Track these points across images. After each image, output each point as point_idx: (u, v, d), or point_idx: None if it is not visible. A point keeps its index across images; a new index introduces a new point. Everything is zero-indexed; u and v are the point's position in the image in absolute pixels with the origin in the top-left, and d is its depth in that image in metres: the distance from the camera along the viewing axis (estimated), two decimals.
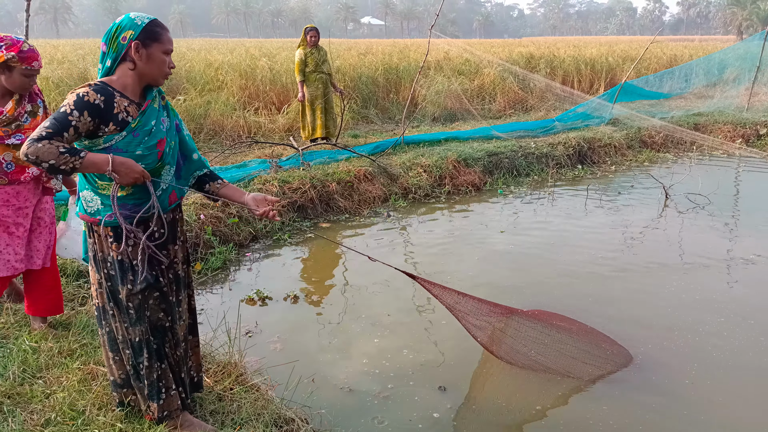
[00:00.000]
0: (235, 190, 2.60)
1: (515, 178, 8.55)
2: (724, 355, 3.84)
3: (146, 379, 2.46)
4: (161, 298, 2.46)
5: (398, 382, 3.54)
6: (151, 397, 2.49)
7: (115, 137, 2.22)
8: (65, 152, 2.08)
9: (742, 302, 4.60)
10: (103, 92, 2.19)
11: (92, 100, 2.15)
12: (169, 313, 2.50)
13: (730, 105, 12.94)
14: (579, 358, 3.66)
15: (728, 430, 3.14)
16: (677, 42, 33.61)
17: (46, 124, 2.10)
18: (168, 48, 2.31)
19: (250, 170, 6.98)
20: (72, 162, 2.10)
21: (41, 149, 2.06)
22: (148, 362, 2.44)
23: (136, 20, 2.24)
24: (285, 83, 11.54)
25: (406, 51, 16.23)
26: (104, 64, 2.28)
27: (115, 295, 2.37)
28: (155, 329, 2.45)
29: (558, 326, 3.81)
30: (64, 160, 2.08)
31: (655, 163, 9.77)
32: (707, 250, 5.72)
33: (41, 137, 2.07)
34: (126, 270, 2.34)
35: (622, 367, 3.67)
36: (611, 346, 3.81)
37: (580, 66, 15.77)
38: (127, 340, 2.42)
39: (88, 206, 2.32)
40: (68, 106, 2.12)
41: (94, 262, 2.37)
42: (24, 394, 2.83)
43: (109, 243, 2.33)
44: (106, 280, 2.36)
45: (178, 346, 2.58)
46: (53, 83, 8.59)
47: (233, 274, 5.27)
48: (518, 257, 5.63)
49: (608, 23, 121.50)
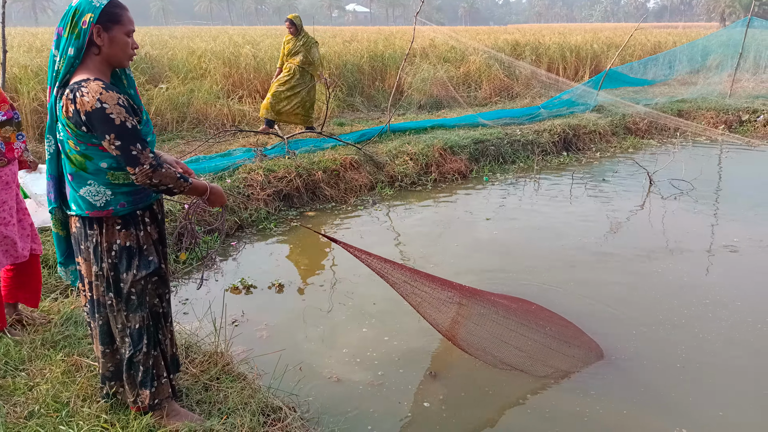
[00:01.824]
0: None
1: (501, 165, 8.57)
2: (709, 343, 3.90)
3: (142, 366, 2.44)
4: (159, 282, 2.46)
5: (387, 369, 3.55)
6: (143, 384, 2.47)
7: None
8: (180, 177, 2.26)
9: (724, 288, 4.67)
10: (117, 90, 2.16)
11: (125, 101, 2.15)
12: (163, 299, 2.51)
13: (713, 91, 13.05)
14: (538, 357, 3.55)
15: (713, 422, 3.19)
16: (661, 29, 33.77)
17: (139, 146, 2.13)
18: (130, 29, 2.24)
19: (234, 159, 6.91)
20: (183, 186, 2.29)
21: (165, 174, 2.19)
22: (146, 348, 2.43)
23: (94, 2, 2.14)
24: (269, 71, 11.41)
25: (392, 38, 16.13)
26: (65, 52, 2.16)
27: (117, 284, 2.35)
28: (152, 315, 2.45)
29: (525, 317, 3.73)
30: (179, 184, 2.26)
31: (640, 150, 9.83)
32: (691, 235, 5.79)
33: (158, 161, 2.17)
34: (133, 255, 2.34)
35: (592, 362, 3.59)
36: (581, 340, 3.72)
37: (565, 53, 15.78)
38: (126, 329, 2.40)
39: (95, 201, 2.25)
40: (129, 119, 2.12)
41: (94, 255, 2.32)
42: (6, 386, 2.80)
43: (116, 230, 2.30)
44: (109, 270, 2.33)
45: (169, 331, 2.59)
46: (32, 71, 8.40)
47: (219, 263, 5.23)
48: (503, 244, 5.65)
49: (593, 10, 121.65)
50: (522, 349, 3.54)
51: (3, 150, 3.08)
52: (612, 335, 3.90)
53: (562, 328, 3.80)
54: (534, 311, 3.87)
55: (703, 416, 3.16)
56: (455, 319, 3.52)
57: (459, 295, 3.52)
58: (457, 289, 3.49)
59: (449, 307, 3.47)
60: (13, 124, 3.12)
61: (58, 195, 2.39)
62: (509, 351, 3.52)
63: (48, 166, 2.35)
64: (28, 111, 8.00)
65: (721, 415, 3.17)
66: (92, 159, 2.20)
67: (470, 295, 3.57)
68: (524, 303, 3.92)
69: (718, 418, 3.14)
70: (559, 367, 3.51)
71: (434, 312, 3.41)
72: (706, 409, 3.21)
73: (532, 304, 3.92)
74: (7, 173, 3.14)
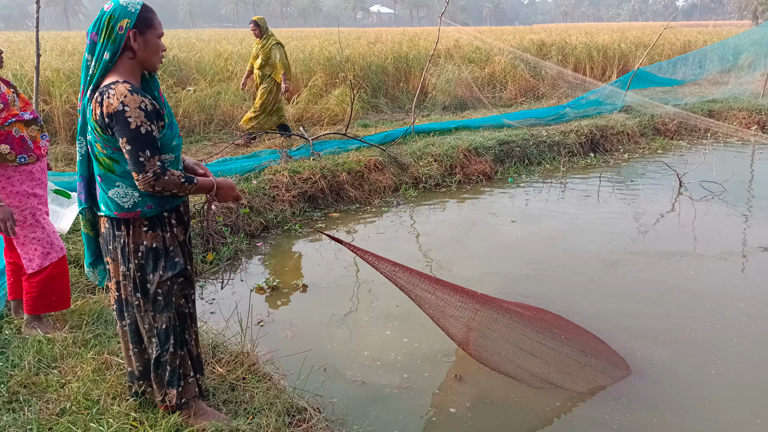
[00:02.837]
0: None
1: (527, 166, 8.49)
2: (744, 348, 3.80)
3: (169, 365, 2.47)
4: (184, 283, 2.49)
5: (411, 372, 3.54)
6: (171, 383, 2.50)
7: (161, 134, 2.25)
8: (185, 181, 2.26)
9: (759, 291, 4.55)
10: (142, 93, 2.19)
11: (149, 106, 2.17)
12: (189, 300, 2.54)
13: (745, 91, 12.74)
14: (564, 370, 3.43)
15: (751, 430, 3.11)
16: (691, 27, 33.16)
17: (147, 153, 2.14)
18: (161, 32, 2.30)
19: (260, 160, 6.98)
20: (189, 189, 2.29)
21: (168, 181, 2.20)
22: (173, 348, 2.46)
23: (129, 7, 2.19)
24: (294, 73, 11.50)
25: (416, 39, 16.11)
26: (100, 56, 2.20)
27: (144, 284, 2.38)
28: (178, 315, 2.48)
29: (541, 326, 3.61)
30: (184, 188, 2.26)
31: (669, 151, 9.65)
32: (723, 238, 5.66)
33: (163, 169, 2.18)
34: (159, 256, 2.37)
35: (619, 373, 3.46)
36: (603, 352, 3.58)
37: (592, 53, 15.58)
38: (154, 329, 2.44)
39: (123, 202, 2.29)
40: (146, 124, 2.14)
41: (122, 255, 2.36)
42: (39, 383, 2.86)
43: (143, 231, 2.34)
44: (136, 271, 2.36)
45: (194, 332, 2.62)
46: (64, 75, 8.60)
47: (244, 264, 5.28)
48: (528, 247, 5.59)
49: (620, 9, 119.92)
50: (540, 358, 3.45)
51: (32, 147, 3.18)
52: (642, 339, 3.83)
53: (582, 338, 3.69)
54: (550, 320, 3.75)
55: (739, 423, 3.09)
56: (469, 325, 3.46)
57: (473, 302, 3.44)
58: (471, 296, 3.41)
59: (463, 314, 3.41)
60: (38, 124, 3.23)
61: (89, 196, 2.45)
62: (527, 360, 3.43)
63: (79, 167, 2.41)
64: (60, 113, 8.18)
65: (759, 422, 3.09)
66: (119, 162, 2.24)
67: (484, 303, 3.49)
68: (540, 312, 3.82)
69: (756, 426, 3.07)
70: (582, 378, 3.42)
71: (448, 319, 3.36)
72: (742, 416, 3.14)
73: (548, 313, 3.82)
74: (38, 169, 3.26)
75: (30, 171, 3.22)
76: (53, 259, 3.30)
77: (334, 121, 10.07)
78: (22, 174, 3.18)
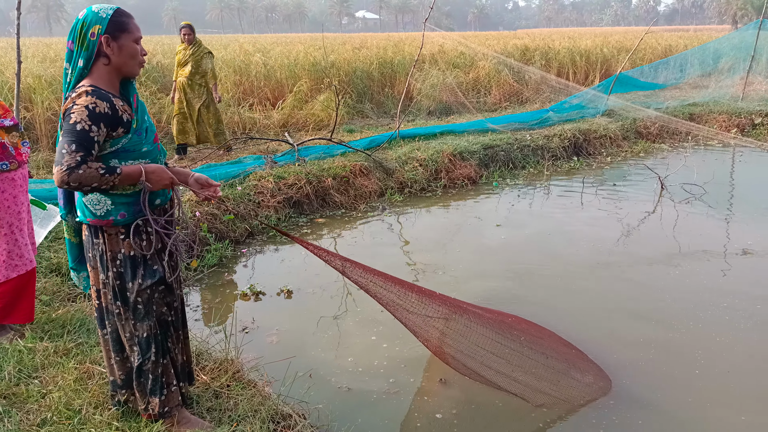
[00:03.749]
0: (180, 172, 2.50)
1: (511, 170, 8.55)
2: (728, 347, 3.84)
3: (151, 374, 2.45)
4: (166, 291, 2.47)
5: (397, 377, 3.54)
6: (153, 392, 2.48)
7: (122, 140, 2.22)
8: (105, 173, 2.12)
9: (741, 291, 4.61)
10: (104, 98, 2.16)
11: (102, 109, 2.13)
12: (171, 308, 2.52)
13: (725, 95, 12.94)
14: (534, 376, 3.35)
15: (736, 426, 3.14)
16: (672, 32, 33.60)
17: (72, 147, 2.05)
18: (137, 36, 2.28)
19: (245, 166, 6.96)
20: (111, 180, 2.14)
21: (83, 176, 2.07)
22: (154, 357, 2.44)
23: (100, 13, 2.19)
24: (279, 79, 11.51)
25: (401, 45, 16.18)
26: (75, 63, 2.22)
27: (123, 293, 2.36)
28: (160, 324, 2.46)
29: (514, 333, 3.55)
30: (105, 180, 2.12)
31: (651, 154, 9.77)
32: (704, 240, 5.74)
33: (78, 163, 2.05)
34: (137, 265, 2.35)
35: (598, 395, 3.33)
36: (585, 369, 3.48)
37: (575, 57, 15.75)
38: (135, 337, 2.42)
39: (96, 209, 2.27)
40: (83, 122, 2.09)
41: (100, 263, 2.34)
42: (20, 394, 2.82)
43: (120, 240, 2.32)
44: (115, 279, 2.35)
45: (179, 340, 2.61)
46: (46, 81, 8.52)
47: (229, 270, 5.26)
48: (514, 251, 5.63)
49: (603, 14, 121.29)
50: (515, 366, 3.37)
51: (14, 153, 3.15)
52: (626, 340, 3.87)
53: (559, 348, 3.64)
54: (526, 329, 3.69)
55: (724, 422, 3.13)
56: (442, 331, 3.40)
57: (445, 308, 3.36)
58: (441, 301, 3.32)
59: (436, 321, 3.35)
60: (19, 131, 3.20)
61: (68, 202, 2.43)
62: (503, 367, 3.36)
63: None
64: (42, 120, 8.11)
65: (744, 419, 3.13)
66: None
67: (457, 309, 3.41)
68: (518, 320, 3.78)
69: (742, 423, 3.11)
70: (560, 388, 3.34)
71: (419, 321, 3.27)
72: (727, 415, 3.18)
73: (526, 322, 3.79)
74: (19, 176, 3.24)
75: (12, 178, 3.19)
76: (20, 271, 3.26)
77: (319, 126, 10.08)
78: (4, 181, 3.15)
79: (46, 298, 3.86)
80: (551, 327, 3.94)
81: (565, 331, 3.91)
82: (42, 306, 3.75)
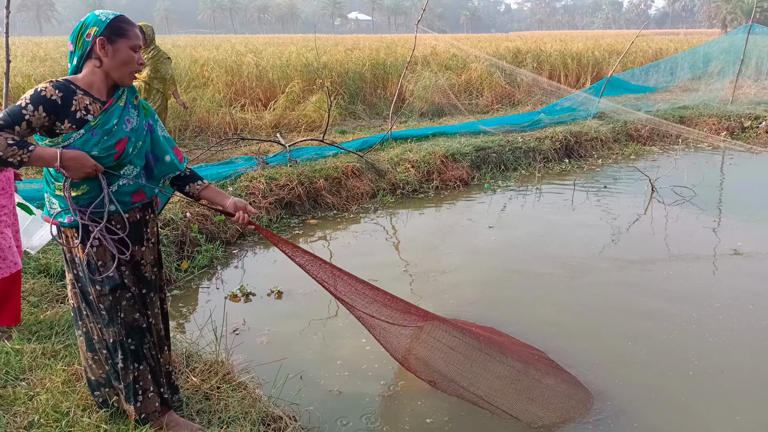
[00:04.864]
0: (218, 193, 2.56)
1: (503, 172, 8.56)
2: (720, 347, 3.86)
3: (122, 381, 2.43)
4: (135, 298, 2.40)
5: (387, 379, 3.53)
6: (128, 399, 2.46)
7: (73, 135, 2.16)
8: (13, 144, 2.06)
9: (733, 291, 4.64)
10: (63, 89, 2.15)
11: (49, 95, 2.12)
12: (144, 314, 2.46)
13: (714, 98, 13.05)
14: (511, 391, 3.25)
15: (729, 426, 3.16)
16: (662, 35, 33.83)
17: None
18: (135, 43, 2.26)
19: (236, 167, 6.93)
20: (20, 155, 2.08)
21: None
22: (123, 363, 2.40)
23: (101, 17, 2.22)
24: (271, 79, 11.48)
25: (393, 46, 16.19)
26: (72, 63, 2.26)
27: (86, 296, 2.35)
28: (132, 330, 2.40)
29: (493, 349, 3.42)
30: (12, 152, 2.06)
31: (642, 157, 9.82)
32: (694, 242, 5.77)
33: None
34: (93, 270, 2.30)
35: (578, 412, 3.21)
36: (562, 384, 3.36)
37: (566, 60, 15.82)
38: (103, 341, 2.40)
39: (51, 208, 2.29)
40: (24, 100, 2.10)
41: (65, 262, 2.36)
42: (6, 396, 2.79)
43: (75, 244, 2.29)
44: (76, 281, 2.34)
45: (159, 348, 2.56)
46: (35, 81, 8.46)
47: (220, 271, 5.23)
48: (505, 253, 5.64)
49: (594, 17, 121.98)
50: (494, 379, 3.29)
51: None
52: (620, 342, 3.89)
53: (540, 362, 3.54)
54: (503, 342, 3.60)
55: (718, 422, 3.15)
56: (411, 344, 3.34)
57: (417, 319, 3.27)
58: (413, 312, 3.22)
59: (405, 330, 3.28)
60: None
61: None
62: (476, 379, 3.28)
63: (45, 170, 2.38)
64: None
65: (739, 419, 3.15)
66: None
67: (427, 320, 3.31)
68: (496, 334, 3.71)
69: (736, 422, 3.13)
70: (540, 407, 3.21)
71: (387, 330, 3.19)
72: (721, 414, 3.20)
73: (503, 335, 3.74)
74: (2, 179, 3.21)
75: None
76: (4, 274, 3.22)
77: (311, 127, 10.06)
78: None
79: (34, 300, 3.82)
80: (542, 328, 3.96)
81: (556, 332, 3.92)
82: (30, 307, 3.71)
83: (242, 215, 2.52)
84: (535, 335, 3.93)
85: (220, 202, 2.53)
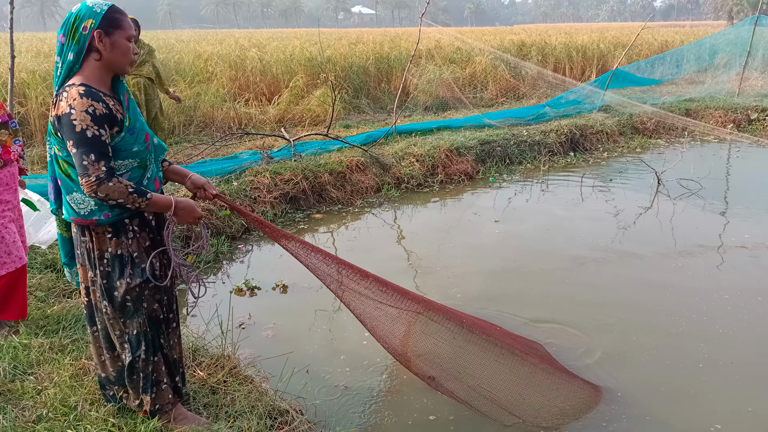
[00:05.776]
0: (178, 171, 2.60)
1: (508, 166, 8.53)
2: (730, 340, 3.84)
3: (142, 372, 2.43)
4: (156, 288, 2.43)
5: (392, 372, 3.53)
6: (144, 390, 2.47)
7: (116, 139, 2.18)
8: (133, 192, 2.16)
9: (742, 286, 4.62)
10: (98, 98, 2.13)
11: (100, 111, 2.11)
12: (163, 305, 2.49)
13: (721, 90, 12.95)
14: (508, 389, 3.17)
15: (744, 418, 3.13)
16: (668, 28, 33.61)
17: (92, 157, 2.07)
18: (130, 33, 2.25)
19: (241, 162, 6.93)
20: (138, 202, 2.19)
21: (112, 189, 2.11)
22: (145, 355, 2.42)
23: (95, 8, 2.16)
24: (275, 74, 11.46)
25: (397, 40, 16.13)
26: (65, 57, 2.18)
27: (111, 291, 2.34)
28: (151, 321, 2.43)
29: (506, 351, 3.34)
30: (132, 199, 2.16)
31: (647, 150, 9.77)
32: (701, 235, 5.74)
33: (108, 175, 2.10)
34: (125, 264, 2.32)
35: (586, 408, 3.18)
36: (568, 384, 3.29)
37: (571, 53, 15.72)
38: (125, 335, 2.40)
39: (80, 208, 2.24)
40: (91, 128, 2.08)
41: (88, 261, 2.32)
42: (15, 390, 2.80)
43: (107, 239, 2.29)
44: (102, 278, 2.32)
45: (171, 338, 2.58)
46: (40, 76, 8.46)
47: (226, 266, 5.24)
48: (511, 247, 5.62)
49: (599, 10, 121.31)
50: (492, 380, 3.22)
51: (0, 152, 3.12)
52: (630, 334, 3.88)
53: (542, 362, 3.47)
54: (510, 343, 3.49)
55: (732, 412, 3.14)
56: (408, 329, 3.25)
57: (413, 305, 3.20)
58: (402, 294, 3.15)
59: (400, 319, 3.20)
60: (9, 129, 3.17)
61: (58, 197, 2.41)
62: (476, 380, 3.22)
63: (49, 168, 2.37)
64: (36, 116, 8.05)
65: (750, 410, 3.15)
66: (74, 166, 2.18)
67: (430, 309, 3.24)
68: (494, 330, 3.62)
69: (747, 414, 3.12)
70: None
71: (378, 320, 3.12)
72: (732, 406, 3.19)
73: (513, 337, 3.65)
74: (6, 174, 3.21)
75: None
76: (9, 269, 3.24)
77: (315, 121, 10.04)
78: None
79: (41, 294, 3.83)
80: (548, 322, 3.94)
81: (563, 325, 3.91)
82: (37, 302, 3.73)
83: (202, 192, 2.54)
84: (542, 329, 3.93)
85: (180, 180, 2.58)
